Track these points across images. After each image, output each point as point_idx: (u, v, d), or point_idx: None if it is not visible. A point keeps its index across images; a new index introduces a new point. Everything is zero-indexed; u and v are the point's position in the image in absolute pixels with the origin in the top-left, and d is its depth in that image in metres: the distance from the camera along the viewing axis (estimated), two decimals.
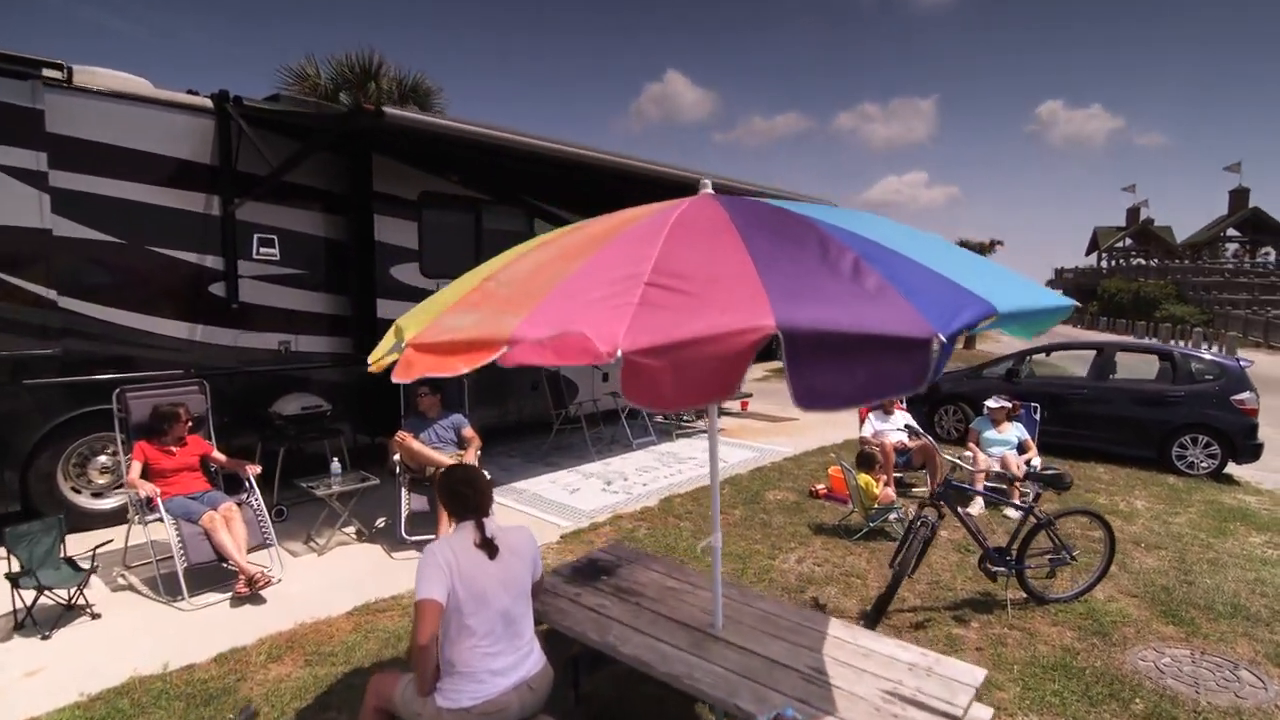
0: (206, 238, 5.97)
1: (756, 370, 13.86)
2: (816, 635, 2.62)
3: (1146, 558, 5.37)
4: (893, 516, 5.68)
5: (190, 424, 4.83)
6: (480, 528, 2.51)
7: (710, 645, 2.55)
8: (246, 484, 4.83)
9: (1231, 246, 48.81)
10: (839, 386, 1.59)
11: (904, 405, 7.31)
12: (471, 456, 5.52)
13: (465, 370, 1.76)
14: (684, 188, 9.69)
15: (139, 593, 4.46)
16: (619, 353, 1.50)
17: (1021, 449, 6.78)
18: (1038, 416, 7.19)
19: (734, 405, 11.29)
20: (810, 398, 1.60)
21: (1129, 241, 53.34)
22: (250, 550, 4.54)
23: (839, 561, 5.13)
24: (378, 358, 2.38)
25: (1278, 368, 22.55)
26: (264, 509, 4.76)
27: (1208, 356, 8.38)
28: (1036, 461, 6.76)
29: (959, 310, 1.59)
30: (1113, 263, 54.10)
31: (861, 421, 7.44)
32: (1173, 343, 33.05)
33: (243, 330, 6.21)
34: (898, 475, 6.83)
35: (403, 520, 5.08)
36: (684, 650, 2.51)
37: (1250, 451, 7.89)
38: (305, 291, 6.59)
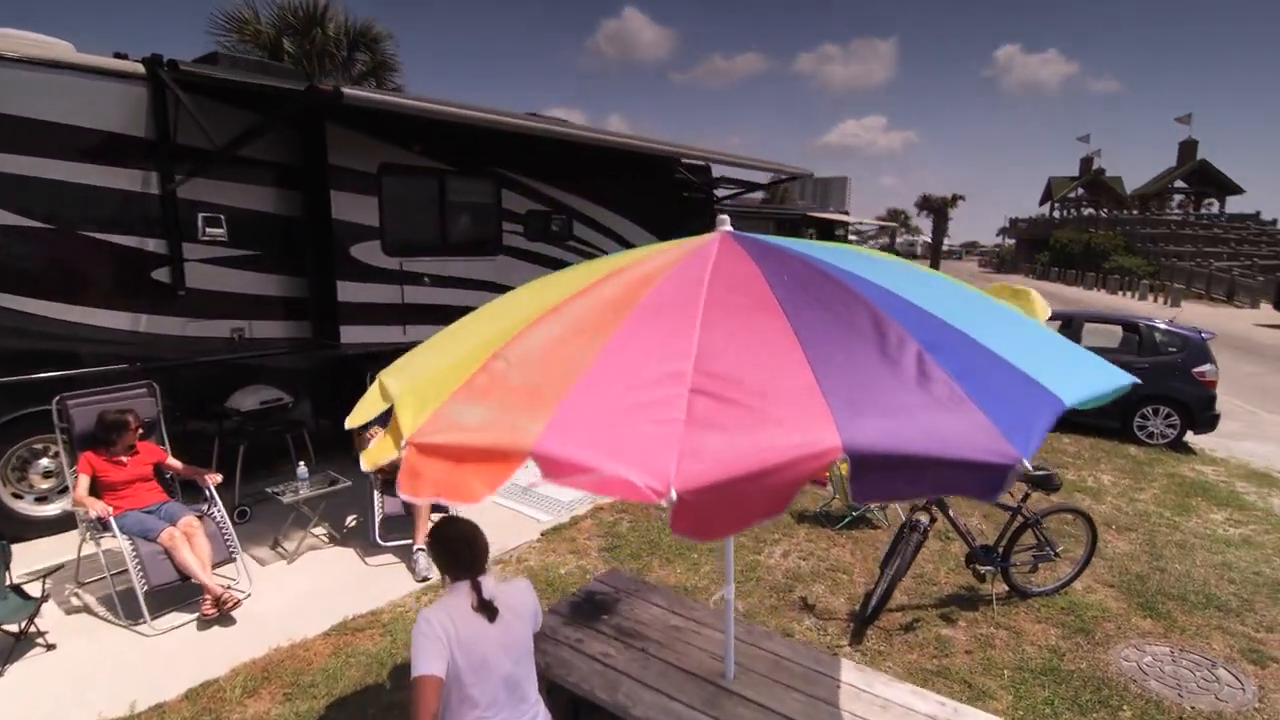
0: (146, 219, 5.48)
1: None
2: (831, 684, 2.54)
3: (1118, 541, 5.49)
4: (874, 504, 5.68)
5: (141, 431, 4.48)
6: (477, 588, 2.32)
7: (725, 702, 2.44)
8: (207, 494, 4.54)
9: (1178, 198, 50.08)
10: (902, 490, 1.46)
11: None
12: None
13: (487, 495, 1.53)
14: (653, 161, 9.44)
15: (96, 615, 4.18)
16: (672, 494, 1.31)
17: None
18: None
19: None
20: (868, 496, 1.46)
21: (1081, 191, 54.22)
22: (215, 566, 4.29)
23: (824, 555, 5.11)
24: (361, 422, 2.13)
25: (1219, 320, 23.43)
26: (227, 521, 4.49)
27: (1170, 328, 8.51)
28: None
29: (1035, 416, 1.44)
30: (1065, 213, 55.06)
31: None
32: (1121, 294, 34.10)
33: (191, 318, 5.79)
34: None
35: (376, 525, 4.86)
36: (698, 710, 2.40)
37: (1208, 422, 8.14)
38: (258, 274, 6.16)
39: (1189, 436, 8.30)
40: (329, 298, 6.38)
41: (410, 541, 4.81)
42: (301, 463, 4.93)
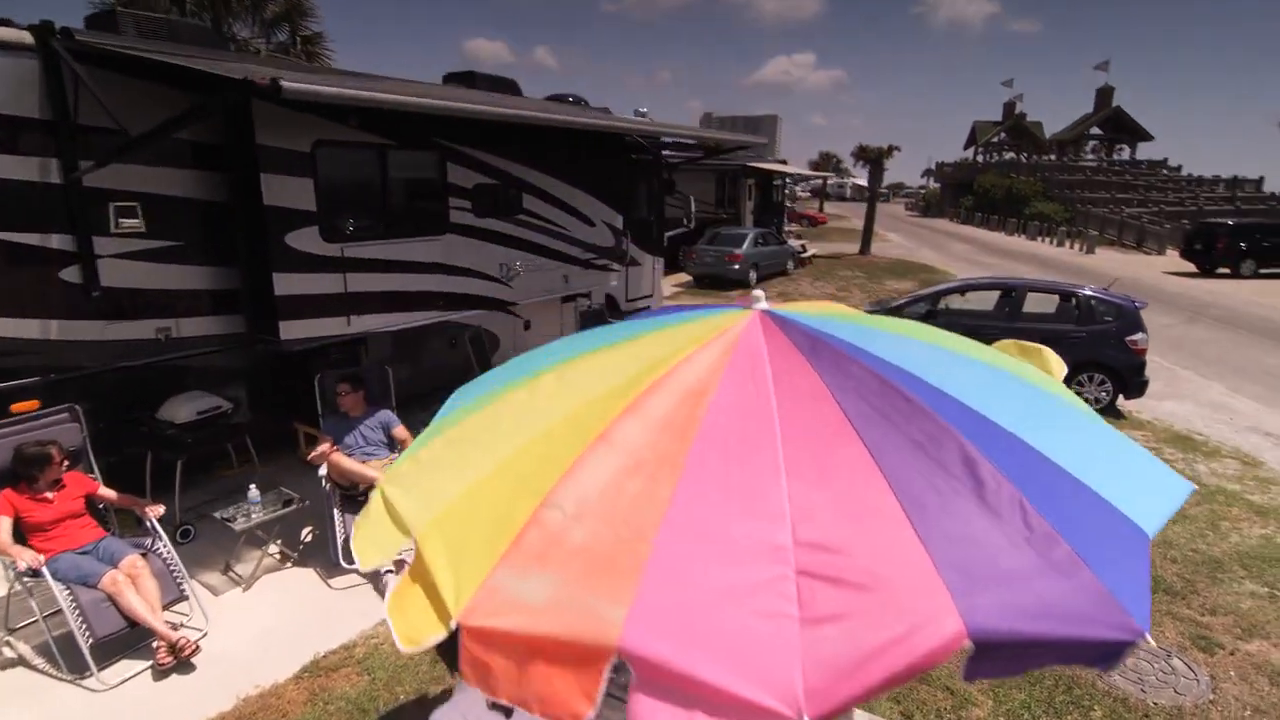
0: (48, 213, 4.85)
1: (677, 299, 13.58)
2: None
3: None
4: None
5: (66, 463, 4.05)
6: None
7: None
8: (148, 526, 4.17)
9: (1093, 144, 52.06)
10: (1016, 667, 1.36)
11: None
12: None
13: (589, 711, 1.29)
14: (603, 138, 9.04)
15: (33, 669, 3.83)
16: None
17: None
18: None
19: None
20: (985, 675, 1.36)
21: (1004, 136, 55.70)
22: (167, 606, 3.98)
23: None
24: (375, 563, 1.82)
25: (1131, 267, 24.72)
26: (174, 555, 4.15)
27: (1106, 297, 8.85)
28: None
29: (1140, 571, 1.36)
30: (988, 157, 56.58)
31: None
32: (1040, 240, 35.52)
33: (110, 321, 5.23)
34: None
35: (339, 545, 4.60)
36: None
37: (1138, 387, 8.58)
38: (183, 267, 5.61)
39: (1119, 401, 8.74)
40: (264, 290, 5.88)
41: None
42: (252, 485, 4.58)
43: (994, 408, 1.67)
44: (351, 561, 4.59)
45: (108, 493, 4.22)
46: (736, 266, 17.95)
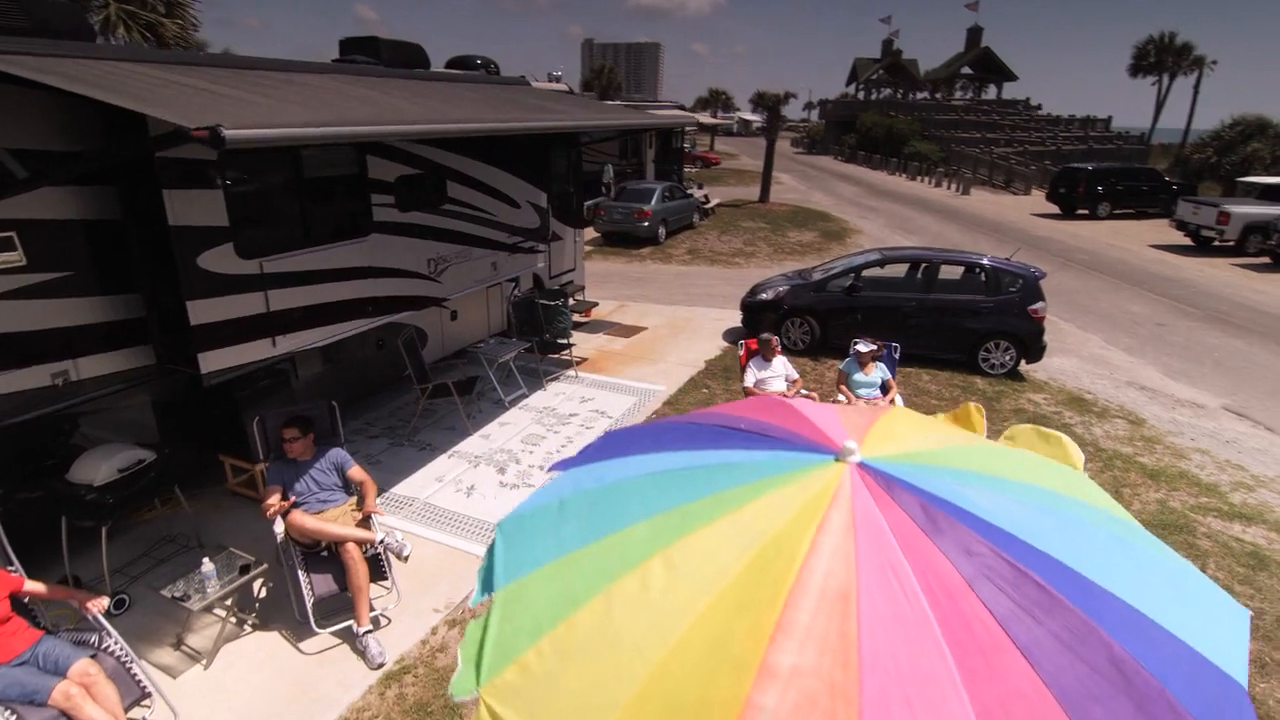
0: None
1: (598, 264, 13.17)
2: None
3: None
4: None
5: None
6: None
7: None
8: (91, 620, 3.74)
9: (962, 83, 54.63)
10: None
11: (781, 349, 7.45)
12: (371, 503, 4.73)
13: None
14: (546, 138, 8.54)
15: None
16: None
17: (885, 389, 7.33)
18: (896, 356, 7.75)
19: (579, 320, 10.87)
20: None
21: (882, 74, 57.40)
22: (129, 708, 3.61)
23: None
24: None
25: (1001, 209, 26.48)
26: (127, 650, 3.74)
27: (1009, 267, 9.44)
28: (900, 401, 7.38)
29: None
30: (869, 94, 58.28)
31: (742, 368, 7.53)
32: (918, 180, 37.28)
33: None
34: None
35: (309, 609, 4.31)
36: None
37: (1039, 352, 9.30)
38: (75, 299, 4.88)
39: (1021, 365, 9.47)
40: (175, 316, 5.25)
41: (349, 623, 4.34)
42: (205, 560, 4.16)
43: (1106, 573, 1.73)
44: (325, 624, 4.32)
45: (35, 587, 3.72)
46: (646, 224, 17.78)
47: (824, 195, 30.54)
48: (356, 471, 4.85)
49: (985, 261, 9.58)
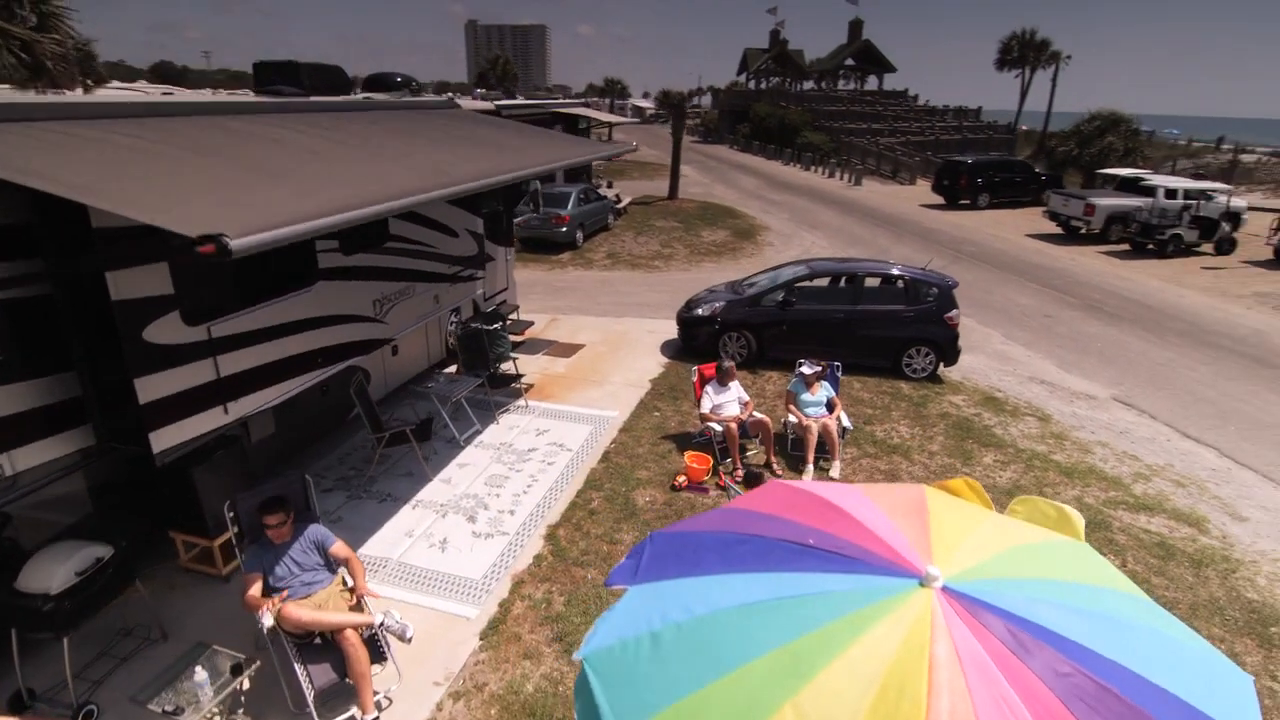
0: None
1: (520, 273, 12.85)
2: None
3: None
4: None
5: None
6: None
7: None
8: None
9: (844, 74, 57.06)
10: None
11: (735, 376, 7.70)
12: (363, 584, 4.59)
13: None
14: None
15: None
16: None
17: (830, 406, 7.73)
18: (838, 374, 8.17)
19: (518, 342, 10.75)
20: None
21: (771, 64, 59.02)
22: None
23: None
24: None
25: (891, 200, 28.01)
26: None
27: (926, 276, 10.10)
28: (845, 419, 7.81)
29: None
30: (759, 84, 59.83)
31: (698, 396, 7.72)
32: (812, 170, 38.75)
33: None
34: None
35: (309, 702, 4.14)
36: None
37: (954, 356, 10.03)
38: (3, 387, 4.43)
39: (940, 368, 10.18)
40: (118, 392, 4.86)
41: (353, 713, 4.21)
42: (198, 666, 3.92)
43: (1155, 668, 2.01)
44: (329, 717, 4.18)
45: None
46: (564, 229, 17.68)
47: (726, 189, 31.24)
48: (340, 548, 4.68)
49: (903, 272, 10.20)
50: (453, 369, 9.65)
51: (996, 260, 18.74)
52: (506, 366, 8.71)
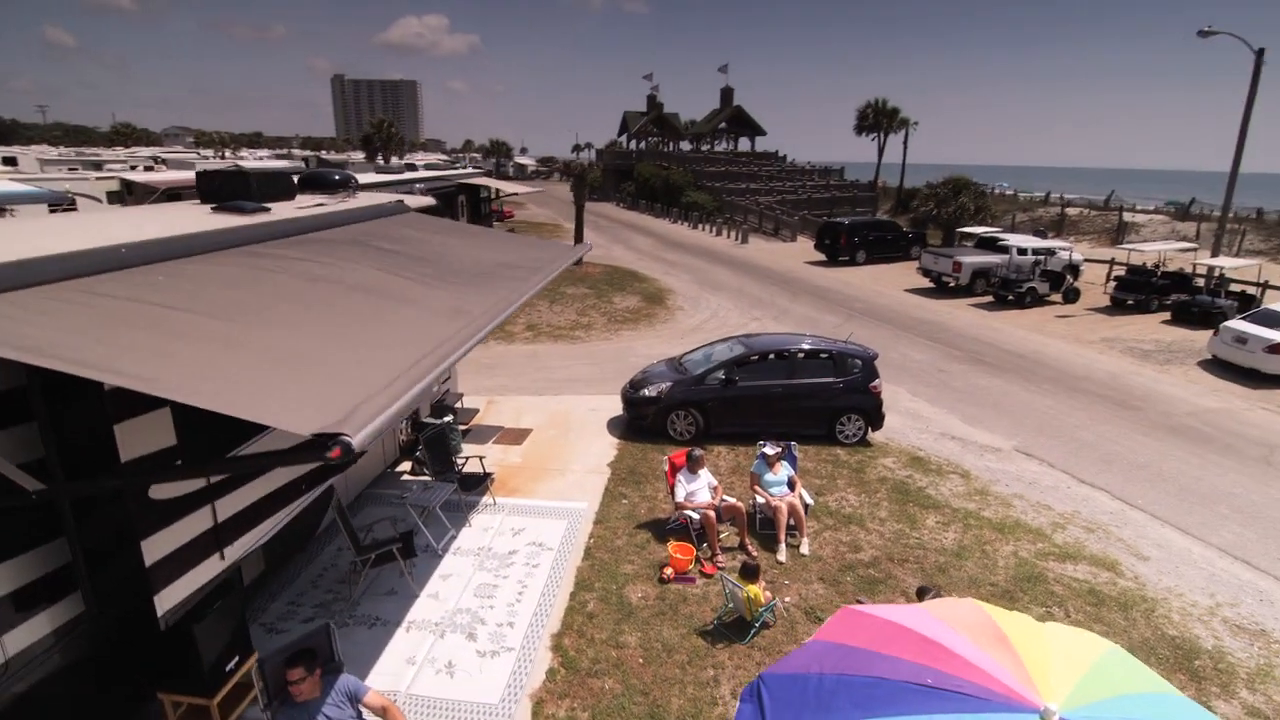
0: None
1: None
2: None
3: (911, 578, 7.36)
4: (775, 608, 6.54)
5: None
6: None
7: None
8: None
9: (720, 137, 60.63)
10: None
11: (705, 464, 8.07)
12: None
13: None
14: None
15: None
16: None
17: (791, 485, 8.25)
18: (795, 453, 8.74)
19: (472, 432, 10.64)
20: None
21: (651, 126, 61.80)
22: None
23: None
24: None
25: (777, 257, 29.87)
26: None
27: (847, 347, 11.01)
28: (807, 495, 8.35)
29: None
30: (639, 144, 62.36)
31: (671, 485, 8.02)
32: (699, 228, 40.62)
33: None
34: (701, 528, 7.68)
35: None
36: None
37: (880, 421, 10.92)
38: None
39: (869, 434, 11.04)
40: (115, 556, 4.53)
41: None
42: None
43: None
44: None
45: None
46: None
47: (624, 249, 32.19)
48: (374, 698, 4.55)
49: (825, 345, 11.06)
50: (406, 467, 9.45)
51: (884, 316, 20.46)
52: (473, 465, 8.65)
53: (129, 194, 24.01)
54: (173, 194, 26.36)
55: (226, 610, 5.28)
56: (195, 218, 6.27)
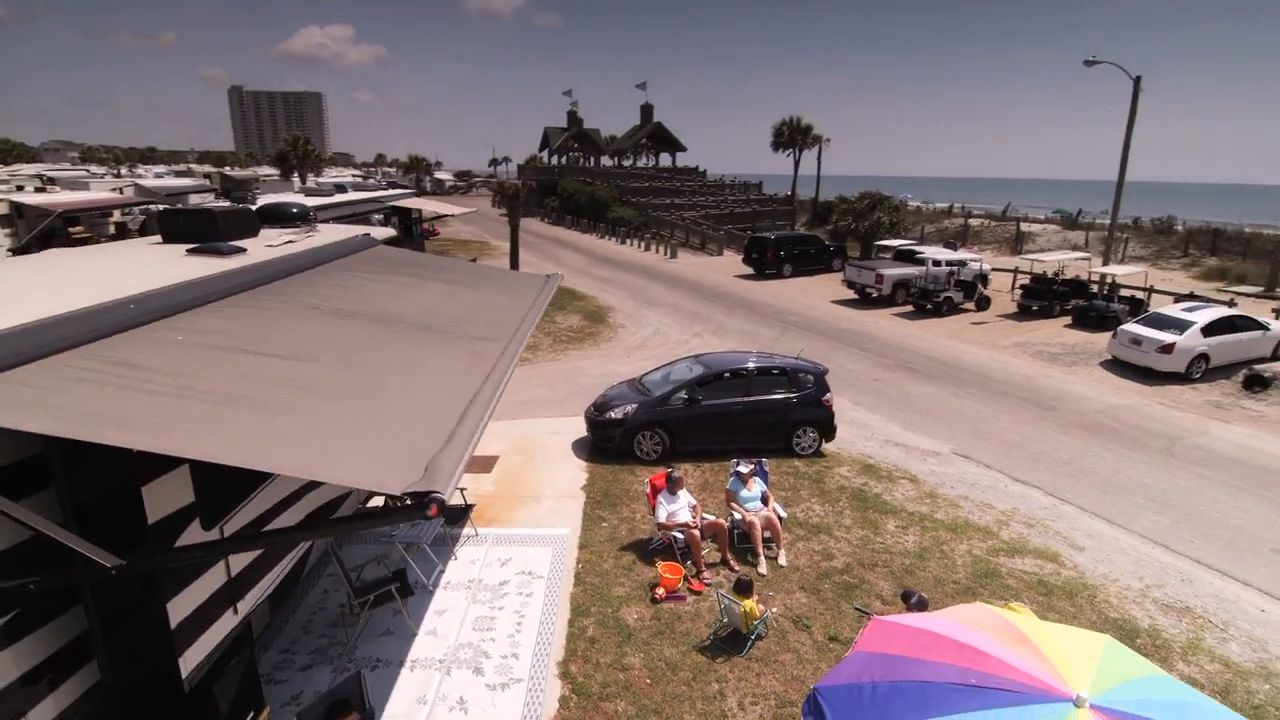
0: None
1: None
2: None
3: (885, 583, 7.88)
4: (767, 618, 6.89)
5: None
6: None
7: None
8: None
9: (643, 153, 61.55)
10: None
11: (685, 485, 8.39)
12: None
13: None
14: None
15: None
16: None
17: (765, 499, 8.69)
18: (766, 469, 9.18)
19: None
20: None
21: (574, 142, 62.10)
22: None
23: (771, 687, 6.16)
24: None
25: (706, 271, 30.68)
26: None
27: (799, 362, 11.60)
28: (780, 508, 8.80)
29: None
30: (561, 159, 62.54)
31: (653, 505, 8.30)
32: (628, 243, 41.15)
33: None
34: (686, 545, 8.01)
35: None
36: None
37: (832, 432, 11.55)
38: (18, 646, 3.92)
39: (823, 445, 11.64)
40: (120, 618, 4.43)
41: None
42: None
43: None
44: None
45: None
46: None
47: (556, 266, 32.26)
48: None
49: (784, 364, 11.63)
50: (378, 502, 9.33)
51: (817, 328, 21.42)
52: (454, 497, 8.65)
53: (19, 217, 22.34)
54: (70, 218, 24.80)
55: (241, 666, 5.20)
56: (172, 262, 6.13)
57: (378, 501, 9.23)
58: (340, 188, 23.54)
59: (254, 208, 8.56)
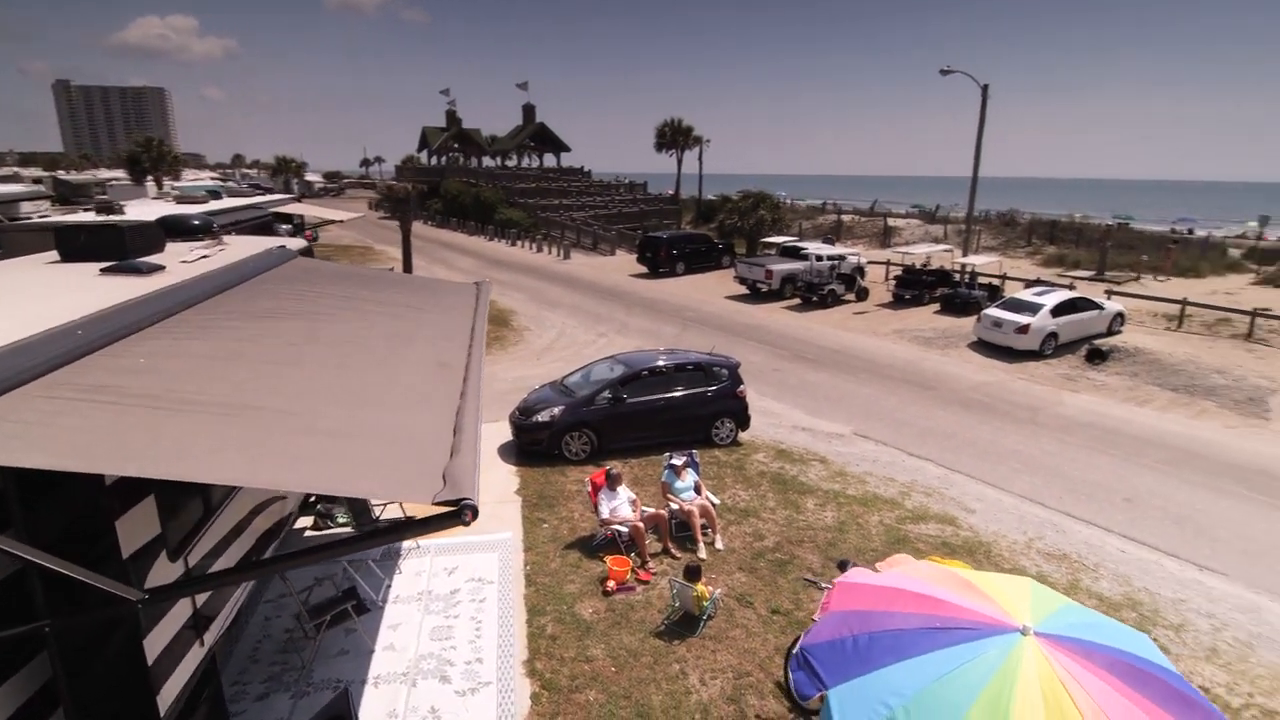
0: None
1: None
2: None
3: (812, 556, 8.57)
4: (716, 599, 7.34)
5: None
6: None
7: None
8: None
9: (526, 153, 61.07)
10: None
11: (623, 480, 8.72)
12: None
13: None
14: None
15: None
16: None
17: (698, 489, 9.18)
18: (697, 460, 9.67)
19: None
20: None
21: (455, 143, 60.65)
22: None
23: (728, 661, 6.60)
24: None
25: (602, 272, 31.07)
26: None
27: (713, 357, 12.23)
28: (712, 496, 9.32)
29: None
30: (443, 160, 60.93)
31: (595, 503, 8.59)
32: (519, 246, 40.87)
33: None
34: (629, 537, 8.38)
35: None
36: None
37: (747, 422, 12.25)
38: None
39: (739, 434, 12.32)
40: (86, 663, 4.24)
41: None
42: None
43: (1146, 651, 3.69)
44: None
45: None
46: None
47: (447, 270, 31.66)
48: None
49: (700, 360, 12.21)
50: (307, 522, 9.05)
51: (715, 323, 22.33)
52: (391, 510, 8.56)
53: None
54: None
55: (210, 699, 5.06)
56: (90, 283, 5.79)
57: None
58: (215, 193, 21.91)
59: (150, 220, 8.04)
